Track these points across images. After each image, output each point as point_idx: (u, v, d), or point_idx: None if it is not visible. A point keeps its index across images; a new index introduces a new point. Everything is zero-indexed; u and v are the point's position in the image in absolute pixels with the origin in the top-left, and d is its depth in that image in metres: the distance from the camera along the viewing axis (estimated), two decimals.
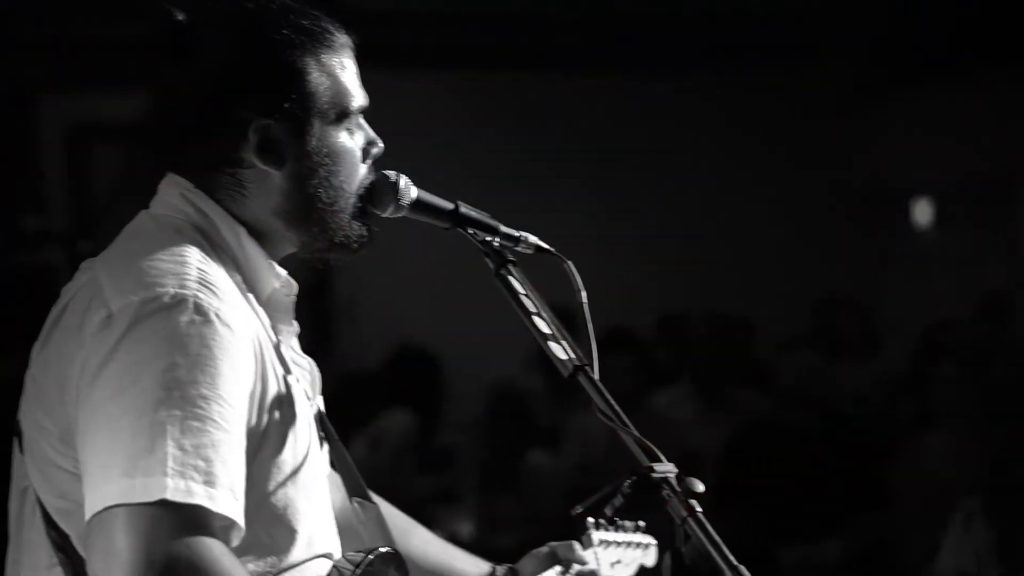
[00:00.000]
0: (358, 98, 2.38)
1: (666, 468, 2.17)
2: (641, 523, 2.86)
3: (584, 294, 2.40)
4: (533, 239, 2.48)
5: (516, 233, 2.47)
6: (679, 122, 10.64)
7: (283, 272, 2.38)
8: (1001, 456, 5.55)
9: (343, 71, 2.36)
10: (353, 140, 2.37)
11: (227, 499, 2.03)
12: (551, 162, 10.49)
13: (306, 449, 2.30)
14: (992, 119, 9.35)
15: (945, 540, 5.40)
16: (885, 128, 10.47)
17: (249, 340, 2.18)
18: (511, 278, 2.39)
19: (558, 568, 2.70)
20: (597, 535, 2.78)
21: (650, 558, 2.95)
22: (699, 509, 2.13)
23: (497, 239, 2.45)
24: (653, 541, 2.92)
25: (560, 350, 2.33)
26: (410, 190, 2.44)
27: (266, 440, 2.21)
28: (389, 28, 8.84)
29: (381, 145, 2.42)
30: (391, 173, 2.43)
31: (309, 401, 2.37)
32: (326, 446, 2.46)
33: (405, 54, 9.18)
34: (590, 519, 2.73)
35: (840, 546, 6.38)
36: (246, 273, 2.31)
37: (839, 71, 10.39)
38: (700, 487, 2.15)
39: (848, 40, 10.00)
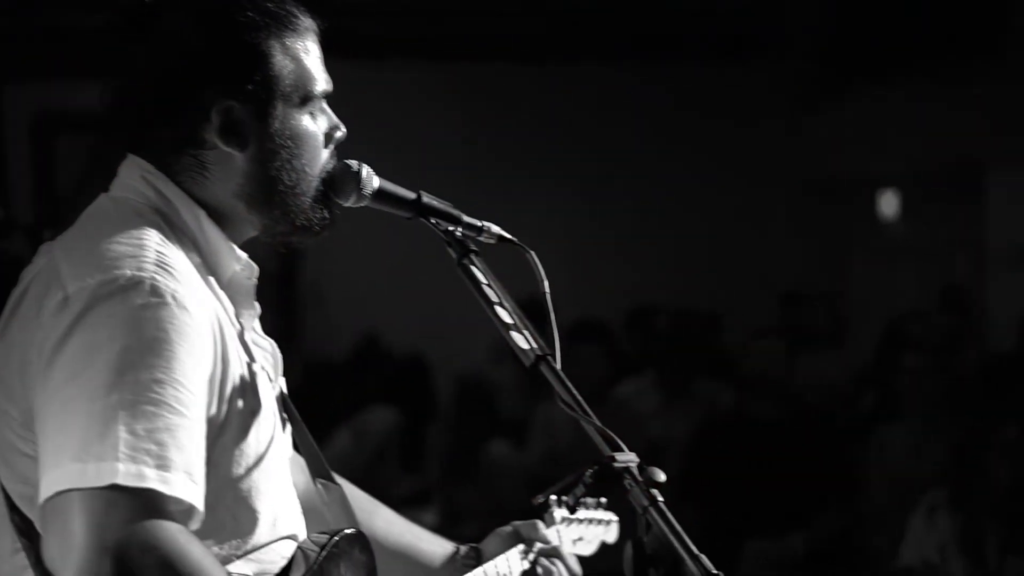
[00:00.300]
0: (321, 82, 2.37)
1: (628, 458, 2.17)
2: (603, 499, 2.88)
3: (547, 284, 2.40)
4: (496, 229, 2.47)
5: (479, 223, 2.46)
6: (648, 116, 10.66)
7: (243, 255, 2.36)
8: (965, 448, 5.56)
9: (307, 55, 2.35)
10: (316, 124, 2.37)
11: (182, 482, 2.01)
12: (521, 155, 10.49)
13: (270, 432, 2.29)
14: (957, 110, 9.38)
15: (909, 531, 5.43)
16: (851, 120, 10.50)
17: (208, 323, 2.17)
18: (473, 268, 2.38)
19: (521, 547, 2.72)
20: (559, 513, 2.80)
21: (612, 534, 2.97)
22: (660, 498, 2.12)
23: (459, 229, 2.44)
24: (615, 517, 2.94)
25: (522, 340, 2.32)
26: (372, 180, 2.43)
27: (228, 424, 2.20)
28: (358, 17, 8.81)
29: (344, 130, 2.41)
30: (353, 163, 2.42)
31: (271, 383, 2.36)
32: (288, 428, 2.45)
33: (373, 44, 9.16)
34: (552, 496, 2.74)
35: (804, 536, 6.40)
36: (206, 256, 2.30)
37: (804, 63, 10.42)
38: (661, 476, 2.15)
39: (812, 32, 10.02)
